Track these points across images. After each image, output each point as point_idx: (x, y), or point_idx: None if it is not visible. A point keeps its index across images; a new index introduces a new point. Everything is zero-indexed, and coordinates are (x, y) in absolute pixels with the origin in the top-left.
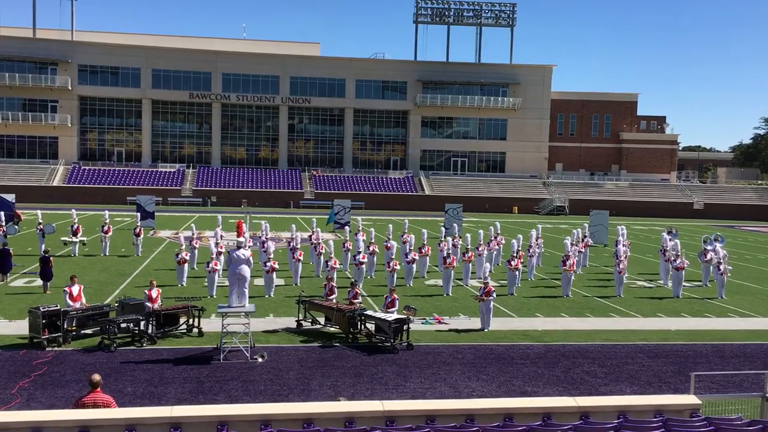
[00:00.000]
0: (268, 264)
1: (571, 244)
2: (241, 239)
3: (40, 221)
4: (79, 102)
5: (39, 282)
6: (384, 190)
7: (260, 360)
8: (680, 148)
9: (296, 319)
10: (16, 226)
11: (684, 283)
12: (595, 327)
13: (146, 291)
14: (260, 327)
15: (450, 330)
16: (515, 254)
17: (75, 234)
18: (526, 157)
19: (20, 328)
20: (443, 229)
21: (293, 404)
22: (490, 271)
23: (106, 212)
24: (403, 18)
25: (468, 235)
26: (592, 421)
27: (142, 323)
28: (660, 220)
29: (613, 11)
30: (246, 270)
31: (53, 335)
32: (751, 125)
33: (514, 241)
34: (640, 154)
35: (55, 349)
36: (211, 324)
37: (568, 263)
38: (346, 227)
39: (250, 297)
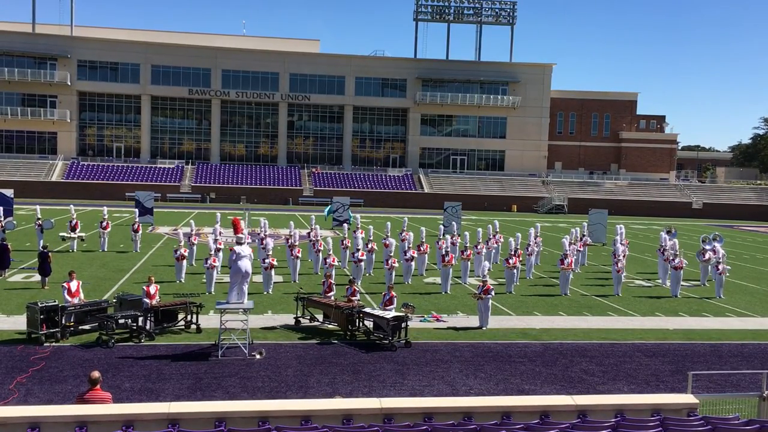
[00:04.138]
0: (266, 261)
1: (570, 243)
2: (241, 235)
3: (39, 217)
4: (78, 97)
5: (37, 277)
6: (383, 187)
7: (258, 357)
8: (679, 148)
9: (294, 316)
10: (15, 222)
11: (682, 283)
12: (593, 326)
13: (144, 287)
14: (258, 324)
15: (448, 328)
16: (513, 252)
17: (73, 230)
18: (525, 155)
19: (18, 323)
20: (442, 227)
21: (291, 401)
22: (489, 270)
23: (105, 208)
24: (403, 15)
25: (467, 233)
26: (590, 419)
27: (141, 319)
28: (659, 219)
29: (613, 10)
30: (249, 265)
31: (51, 331)
32: (750, 125)
33: (512, 239)
34: (639, 153)
35: (53, 344)
36: (209, 320)
37: (566, 262)
38: (345, 225)
39: (249, 294)
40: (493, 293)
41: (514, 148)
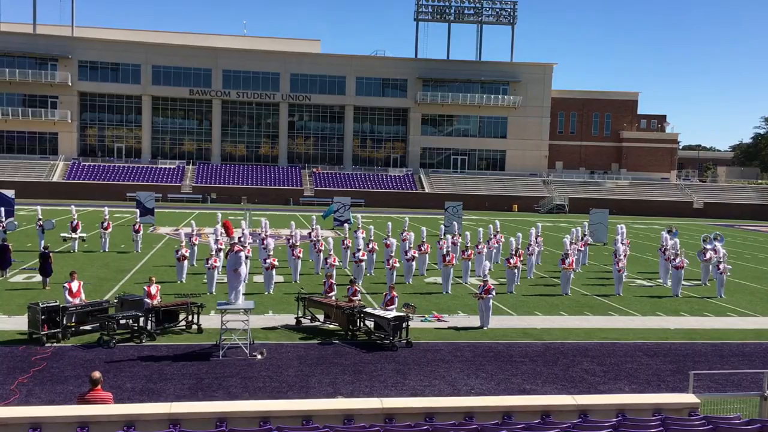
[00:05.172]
0: (267, 261)
1: (571, 243)
2: (239, 237)
3: (40, 217)
4: (79, 98)
5: (38, 278)
6: (384, 187)
7: (259, 357)
8: (680, 147)
9: (295, 316)
10: (16, 222)
11: (683, 282)
12: (594, 325)
13: (145, 287)
14: (259, 324)
15: (449, 328)
16: (514, 252)
17: (74, 230)
18: (526, 155)
19: (19, 323)
20: (443, 227)
21: (292, 401)
22: (490, 269)
23: (106, 208)
24: (404, 15)
25: (467, 233)
26: (591, 419)
27: (142, 319)
28: (660, 219)
29: (614, 10)
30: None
31: (52, 331)
32: (751, 124)
33: (512, 239)
34: (640, 152)
35: (54, 344)
36: (210, 320)
37: (567, 262)
38: (346, 225)
39: (250, 294)
40: (494, 293)
41: (515, 147)
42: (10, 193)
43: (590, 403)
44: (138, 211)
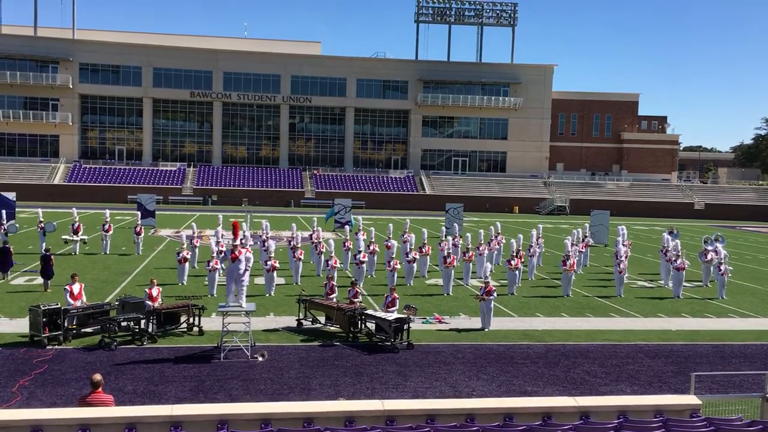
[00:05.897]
0: (268, 263)
1: (572, 244)
2: (237, 240)
3: (41, 219)
4: (80, 100)
5: (40, 280)
6: (385, 189)
7: (261, 359)
8: (681, 148)
9: (297, 318)
10: (17, 225)
11: (684, 284)
12: (595, 327)
13: (147, 289)
14: (261, 326)
15: (450, 329)
16: (515, 254)
17: (76, 232)
18: (526, 156)
19: (21, 326)
20: (444, 228)
21: (293, 403)
22: (491, 271)
23: (107, 211)
24: (404, 17)
25: (468, 234)
26: (592, 421)
27: (143, 322)
28: (660, 220)
29: (615, 11)
30: None
31: (54, 333)
32: (752, 125)
33: (513, 240)
34: (641, 154)
35: (56, 347)
36: (211, 323)
37: (568, 263)
38: (347, 226)
39: (251, 296)
40: (495, 294)
41: (516, 149)
42: (11, 195)
43: (591, 404)
44: (139, 213)
